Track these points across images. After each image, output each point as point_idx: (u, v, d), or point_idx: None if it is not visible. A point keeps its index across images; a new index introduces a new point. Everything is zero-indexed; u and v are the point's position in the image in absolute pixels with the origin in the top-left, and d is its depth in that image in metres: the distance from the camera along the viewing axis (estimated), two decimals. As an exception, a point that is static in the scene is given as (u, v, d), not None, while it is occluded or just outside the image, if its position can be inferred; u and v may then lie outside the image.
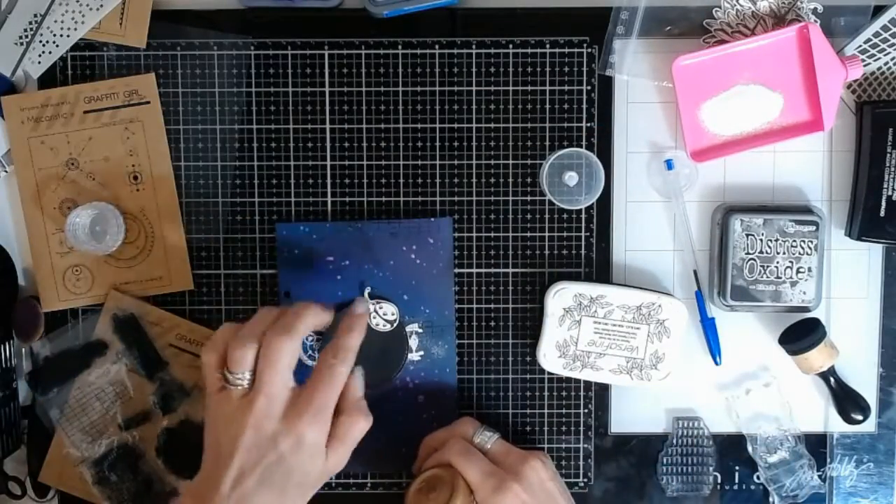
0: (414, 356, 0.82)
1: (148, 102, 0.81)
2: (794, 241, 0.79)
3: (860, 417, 0.81)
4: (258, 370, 0.70)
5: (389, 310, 0.81)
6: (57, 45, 0.80)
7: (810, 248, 0.79)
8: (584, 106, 0.81)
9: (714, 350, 0.81)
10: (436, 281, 0.82)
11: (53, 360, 0.82)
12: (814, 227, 0.78)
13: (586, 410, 0.84)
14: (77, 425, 0.82)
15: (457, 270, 0.82)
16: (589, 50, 0.81)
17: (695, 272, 0.81)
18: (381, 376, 0.82)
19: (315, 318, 0.73)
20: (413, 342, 0.82)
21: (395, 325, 0.81)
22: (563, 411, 0.83)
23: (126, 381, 0.82)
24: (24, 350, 0.83)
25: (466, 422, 0.79)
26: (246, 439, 0.68)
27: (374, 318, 0.81)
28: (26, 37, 0.80)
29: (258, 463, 0.68)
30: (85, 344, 0.82)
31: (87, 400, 0.82)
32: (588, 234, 0.82)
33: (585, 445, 0.84)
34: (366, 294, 0.81)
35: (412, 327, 0.82)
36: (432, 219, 0.82)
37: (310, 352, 0.82)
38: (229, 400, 0.70)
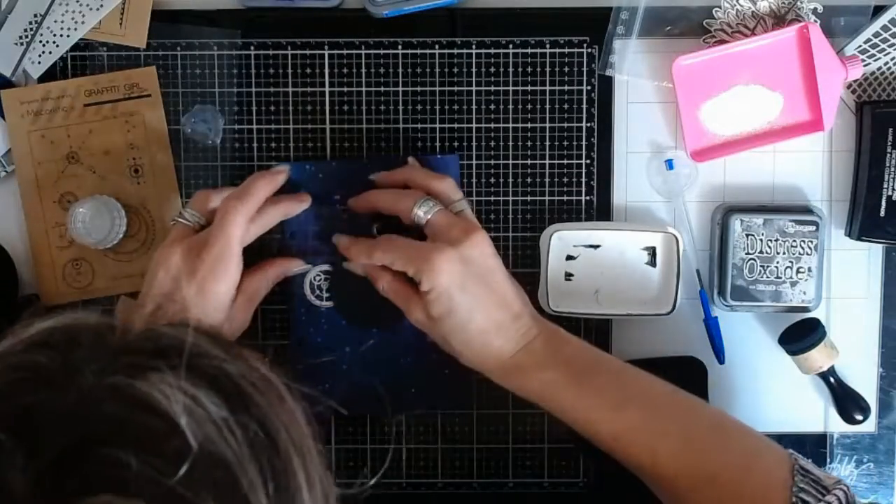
0: None
1: (149, 95, 0.81)
2: (794, 241, 0.79)
3: (860, 417, 0.81)
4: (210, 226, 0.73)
5: None
6: (57, 45, 0.80)
7: (810, 248, 0.79)
8: (584, 106, 0.81)
9: (718, 349, 0.81)
10: None
11: None
12: (814, 227, 0.78)
13: (586, 410, 0.83)
14: None
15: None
16: (589, 50, 0.81)
17: (697, 271, 0.81)
18: (390, 318, 0.81)
19: (267, 183, 0.75)
20: None
21: None
22: (564, 411, 0.83)
23: None
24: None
25: (407, 194, 0.74)
26: (159, 279, 0.70)
27: None
28: (26, 37, 0.79)
29: (163, 306, 0.69)
30: None
31: None
32: (588, 233, 0.82)
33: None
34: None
35: None
36: (439, 156, 0.81)
37: (317, 291, 0.81)
38: (170, 234, 0.73)
